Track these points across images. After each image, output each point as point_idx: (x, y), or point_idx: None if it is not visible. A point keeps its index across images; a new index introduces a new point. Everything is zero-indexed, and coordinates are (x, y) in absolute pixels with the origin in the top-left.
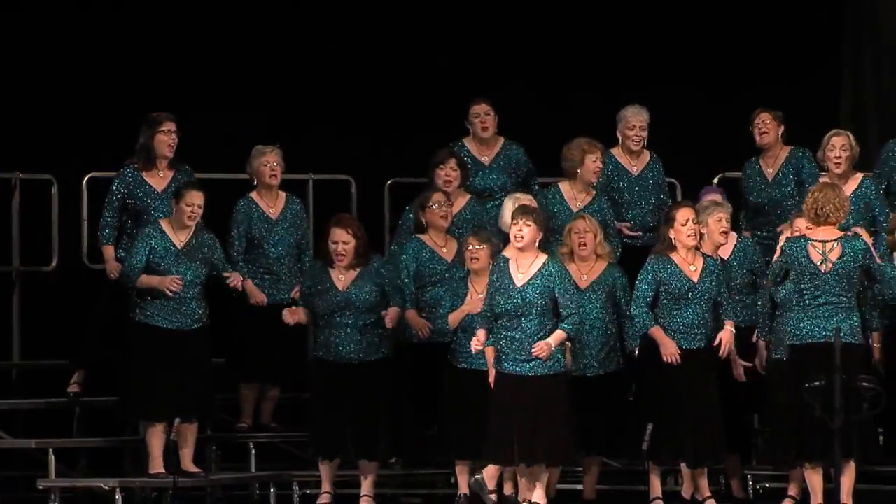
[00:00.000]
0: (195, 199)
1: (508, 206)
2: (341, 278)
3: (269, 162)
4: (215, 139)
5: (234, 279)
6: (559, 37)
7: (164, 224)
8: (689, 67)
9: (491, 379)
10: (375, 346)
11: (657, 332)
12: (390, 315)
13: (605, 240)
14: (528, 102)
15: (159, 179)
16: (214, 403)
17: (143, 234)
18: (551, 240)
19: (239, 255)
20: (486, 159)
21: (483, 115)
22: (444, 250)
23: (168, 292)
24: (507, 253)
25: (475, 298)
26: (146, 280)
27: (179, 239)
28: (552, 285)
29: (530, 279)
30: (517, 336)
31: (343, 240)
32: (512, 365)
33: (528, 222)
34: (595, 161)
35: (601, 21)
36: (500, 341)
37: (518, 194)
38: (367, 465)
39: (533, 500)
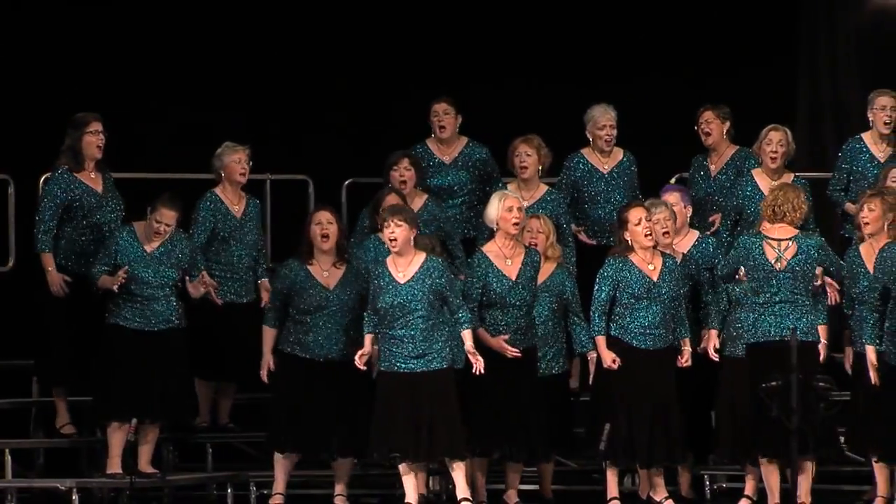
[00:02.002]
0: (164, 218)
1: (495, 202)
2: (325, 275)
3: (241, 160)
4: (171, 138)
5: (195, 287)
6: (521, 38)
7: (137, 227)
8: (646, 67)
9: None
10: (356, 345)
11: (601, 341)
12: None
13: (557, 241)
14: (490, 103)
15: (93, 181)
16: (186, 406)
17: (113, 237)
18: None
19: (198, 248)
20: (446, 159)
21: (442, 115)
22: None
23: (115, 289)
24: (387, 256)
25: None
26: (101, 283)
27: (151, 244)
28: (437, 281)
29: (413, 276)
30: (407, 333)
31: (327, 219)
32: (402, 363)
33: (399, 222)
34: (517, 155)
35: (559, 22)
36: (389, 342)
37: (506, 191)
38: (343, 464)
39: (459, 497)
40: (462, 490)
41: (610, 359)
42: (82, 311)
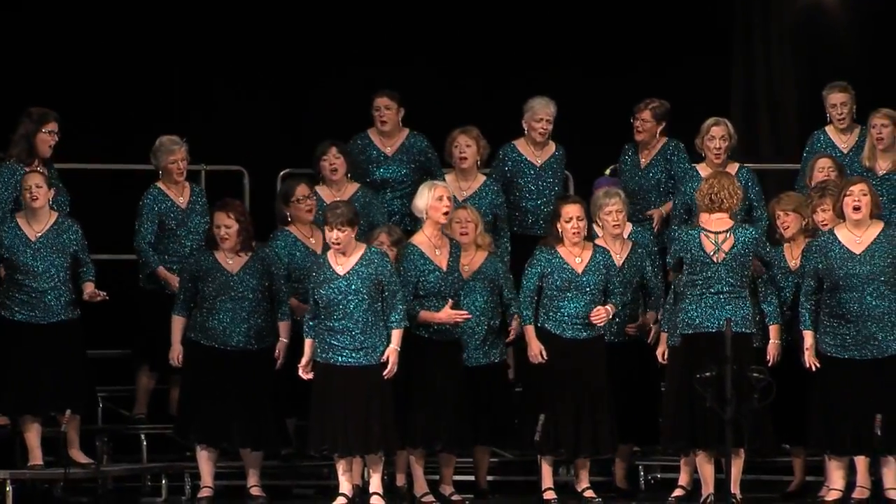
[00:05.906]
0: (30, 181)
1: (425, 192)
2: (230, 262)
3: (178, 160)
4: (105, 129)
5: (90, 292)
6: (454, 24)
7: (19, 217)
8: (580, 56)
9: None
10: (260, 335)
11: (529, 330)
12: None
13: (486, 230)
14: (425, 90)
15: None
16: (91, 395)
17: None
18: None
19: (148, 244)
20: (388, 150)
21: (383, 109)
22: (312, 241)
23: None
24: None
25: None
26: None
27: (34, 230)
28: (378, 270)
29: (353, 267)
30: (345, 325)
31: (225, 223)
32: (339, 356)
33: (342, 227)
34: (456, 146)
35: (493, 9)
36: (327, 334)
37: (436, 181)
38: (253, 455)
39: (371, 490)
40: (375, 486)
41: (537, 349)
42: None
